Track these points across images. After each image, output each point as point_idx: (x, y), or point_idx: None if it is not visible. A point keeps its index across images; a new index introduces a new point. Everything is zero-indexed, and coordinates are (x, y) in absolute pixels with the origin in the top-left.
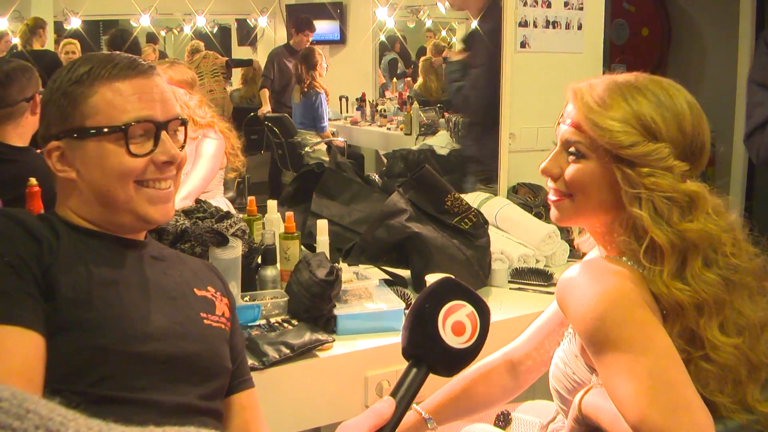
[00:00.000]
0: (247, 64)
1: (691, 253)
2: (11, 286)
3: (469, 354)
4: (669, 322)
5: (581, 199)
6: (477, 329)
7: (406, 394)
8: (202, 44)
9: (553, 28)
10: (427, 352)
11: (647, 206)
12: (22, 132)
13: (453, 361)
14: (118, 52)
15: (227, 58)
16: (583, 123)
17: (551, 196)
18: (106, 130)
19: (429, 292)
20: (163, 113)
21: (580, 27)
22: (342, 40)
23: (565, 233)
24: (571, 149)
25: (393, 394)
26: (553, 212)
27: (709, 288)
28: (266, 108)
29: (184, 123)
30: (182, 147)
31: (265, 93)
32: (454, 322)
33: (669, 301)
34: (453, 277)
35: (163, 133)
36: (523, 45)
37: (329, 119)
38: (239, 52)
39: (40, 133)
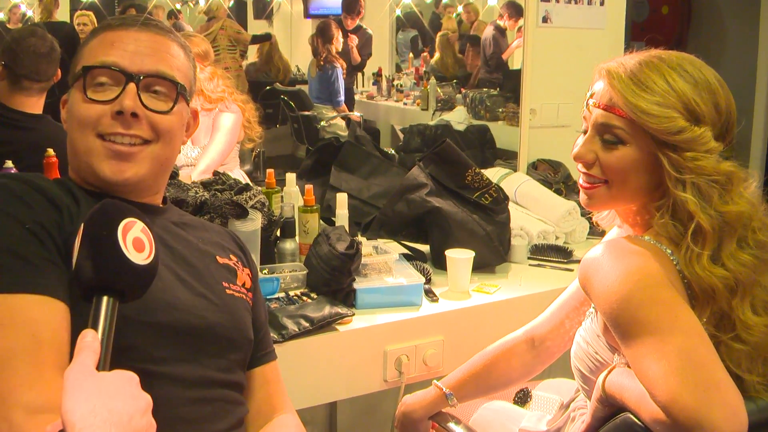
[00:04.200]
0: (266, 39)
1: (727, 235)
2: (34, 254)
3: (154, 268)
4: (698, 308)
5: (618, 185)
6: (153, 241)
7: (108, 330)
8: (222, 6)
9: (576, 3)
10: (116, 278)
11: (693, 190)
12: (42, 103)
13: (142, 280)
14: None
15: (251, 35)
16: (624, 107)
17: (583, 183)
18: (75, 75)
19: (97, 218)
20: (137, 65)
21: (602, 3)
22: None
23: (585, 210)
24: (608, 135)
25: (94, 328)
26: (585, 198)
27: (743, 269)
28: None
29: (178, 87)
30: (164, 112)
31: None
32: (134, 239)
33: (703, 285)
34: (111, 199)
35: (131, 86)
36: (545, 20)
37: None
38: (255, 25)
39: None
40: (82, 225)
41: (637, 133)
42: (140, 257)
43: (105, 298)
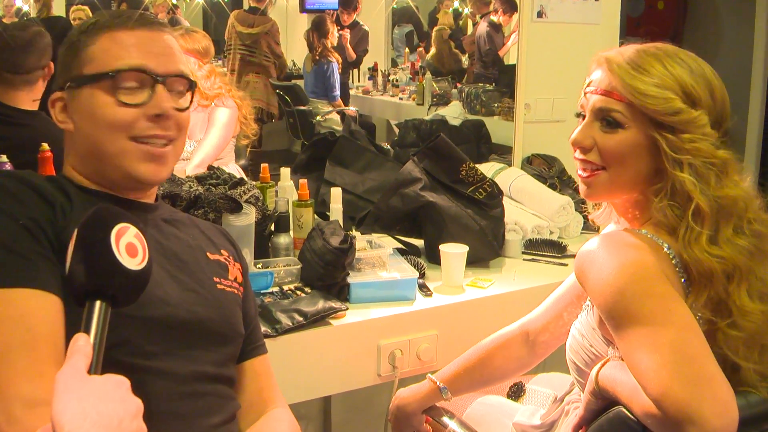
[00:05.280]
0: None
1: (724, 220)
2: (29, 249)
3: (147, 273)
4: (694, 293)
5: (616, 170)
6: (146, 247)
7: (100, 334)
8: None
9: None
10: (109, 283)
11: (690, 170)
12: (34, 98)
13: (135, 285)
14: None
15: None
16: (622, 89)
17: (582, 172)
18: (96, 77)
19: (90, 223)
20: (162, 66)
21: None
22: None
23: (580, 205)
24: (607, 118)
25: (86, 333)
26: (585, 189)
27: (739, 255)
28: None
29: (191, 85)
30: (185, 109)
31: None
32: (127, 244)
33: (701, 268)
34: (105, 204)
35: (159, 87)
36: (540, 15)
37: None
38: None
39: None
40: (76, 230)
41: (635, 116)
42: (133, 262)
43: (98, 303)
